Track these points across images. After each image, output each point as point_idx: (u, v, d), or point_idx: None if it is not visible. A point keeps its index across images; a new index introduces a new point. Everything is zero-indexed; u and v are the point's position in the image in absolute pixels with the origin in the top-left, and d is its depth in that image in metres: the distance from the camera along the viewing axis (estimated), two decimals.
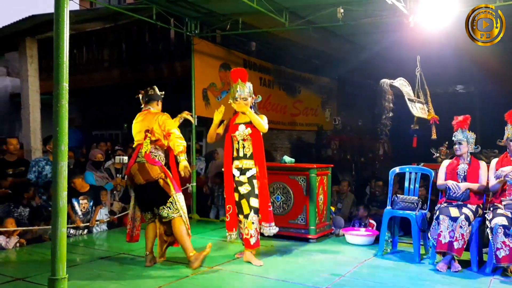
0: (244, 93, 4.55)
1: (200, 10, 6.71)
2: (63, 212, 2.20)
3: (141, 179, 4.16)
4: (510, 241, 4.04)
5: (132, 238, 4.45)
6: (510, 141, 4.40)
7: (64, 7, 2.23)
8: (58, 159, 2.22)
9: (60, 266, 2.20)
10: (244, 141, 4.57)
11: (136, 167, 4.19)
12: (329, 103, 11.10)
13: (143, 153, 4.18)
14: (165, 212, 4.16)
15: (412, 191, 5.10)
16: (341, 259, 4.82)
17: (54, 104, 2.27)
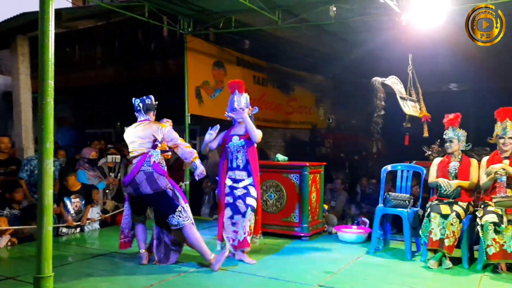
0: (241, 104, 4.62)
1: (193, 8, 6.69)
2: (49, 210, 2.18)
3: (148, 188, 4.10)
4: (500, 238, 4.07)
5: (125, 246, 4.44)
6: (500, 138, 4.42)
7: (49, 5, 2.21)
8: (43, 157, 2.19)
9: (45, 264, 2.19)
10: (238, 153, 4.60)
11: (143, 176, 4.11)
12: (323, 101, 11.12)
13: (151, 162, 4.13)
14: (175, 220, 4.12)
15: (404, 188, 5.12)
16: (333, 256, 4.83)
17: (39, 101, 2.25)
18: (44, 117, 2.25)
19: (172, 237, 4.33)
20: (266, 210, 5.71)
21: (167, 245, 4.36)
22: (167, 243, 4.35)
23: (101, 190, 6.52)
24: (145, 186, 4.10)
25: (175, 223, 4.12)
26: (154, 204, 4.28)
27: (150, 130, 4.18)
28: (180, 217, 4.11)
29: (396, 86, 5.33)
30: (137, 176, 4.12)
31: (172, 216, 4.11)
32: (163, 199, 4.13)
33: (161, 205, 4.17)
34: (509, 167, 4.27)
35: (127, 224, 4.38)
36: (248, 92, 7.80)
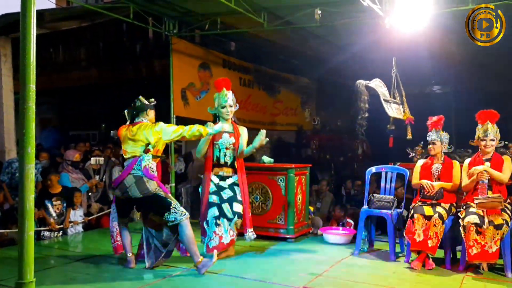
0: (230, 101, 4.73)
1: (178, 10, 6.67)
2: (30, 215, 2.15)
3: (137, 192, 4.08)
4: (482, 239, 4.13)
5: (119, 249, 4.39)
6: (481, 140, 4.49)
7: (30, 8, 2.17)
8: (24, 161, 2.15)
9: (27, 269, 2.16)
10: (227, 150, 4.70)
11: (132, 179, 4.08)
12: (308, 103, 11.16)
13: (142, 166, 4.09)
14: (172, 217, 4.09)
15: (388, 190, 5.18)
16: (318, 258, 4.86)
17: (21, 105, 2.22)
18: (25, 121, 2.21)
19: (162, 239, 4.30)
20: (252, 212, 5.71)
21: (157, 249, 4.32)
22: (157, 246, 4.32)
23: (85, 192, 6.45)
24: (134, 190, 4.08)
25: (172, 219, 4.10)
26: (146, 207, 4.27)
27: (142, 134, 4.12)
28: (176, 213, 4.10)
29: (380, 89, 5.38)
30: (126, 179, 4.09)
31: (168, 213, 4.09)
32: (154, 200, 4.13)
33: (154, 206, 4.17)
34: (490, 169, 4.35)
35: (115, 226, 4.35)
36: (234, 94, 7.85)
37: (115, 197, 4.31)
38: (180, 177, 8.37)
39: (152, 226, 4.33)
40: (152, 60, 9.67)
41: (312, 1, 5.94)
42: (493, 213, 4.20)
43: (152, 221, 4.34)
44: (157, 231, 4.32)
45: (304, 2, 6.02)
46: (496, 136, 4.48)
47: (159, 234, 4.31)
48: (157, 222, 4.31)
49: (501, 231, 4.11)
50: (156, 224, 4.32)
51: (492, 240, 4.10)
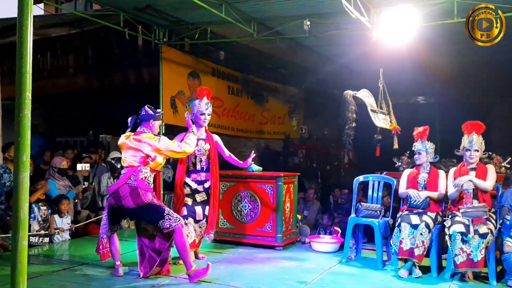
0: (209, 110, 4.91)
1: (168, 19, 6.71)
2: (25, 224, 2.13)
3: (130, 202, 4.07)
4: (467, 247, 4.21)
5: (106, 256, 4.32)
6: (467, 150, 4.59)
7: (27, 15, 2.17)
8: (19, 170, 2.14)
9: (20, 279, 2.13)
10: (202, 156, 4.87)
11: (127, 189, 4.08)
12: (296, 112, 11.26)
13: (139, 178, 4.08)
14: (167, 224, 4.06)
15: (375, 199, 5.26)
16: (306, 266, 4.89)
17: (16, 114, 2.21)
18: (21, 129, 2.20)
19: (156, 247, 4.28)
20: (240, 220, 5.75)
21: (152, 258, 4.29)
22: (151, 255, 4.29)
23: (71, 199, 6.40)
24: (128, 201, 4.07)
25: (167, 226, 4.07)
26: (139, 216, 4.26)
27: (142, 146, 4.11)
28: (171, 219, 4.08)
29: (367, 99, 5.49)
30: (121, 188, 4.09)
31: (163, 221, 4.07)
32: (148, 210, 4.12)
33: (148, 215, 4.16)
34: (475, 178, 4.45)
35: (106, 233, 4.28)
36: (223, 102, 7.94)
37: (109, 204, 4.27)
38: (169, 185, 8.34)
39: (146, 236, 4.31)
40: (141, 68, 9.68)
41: (301, 12, 6.04)
42: (478, 222, 4.29)
43: (145, 230, 4.32)
44: (150, 240, 4.30)
45: (293, 13, 6.11)
46: (480, 147, 4.58)
47: (152, 242, 4.29)
48: (150, 231, 4.29)
49: (486, 240, 4.20)
50: (149, 234, 4.30)
51: (477, 249, 4.18)
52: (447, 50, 7.61)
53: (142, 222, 4.33)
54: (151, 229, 4.28)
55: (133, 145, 4.14)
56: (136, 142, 4.14)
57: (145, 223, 4.29)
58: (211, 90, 8.23)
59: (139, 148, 4.12)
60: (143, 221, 4.30)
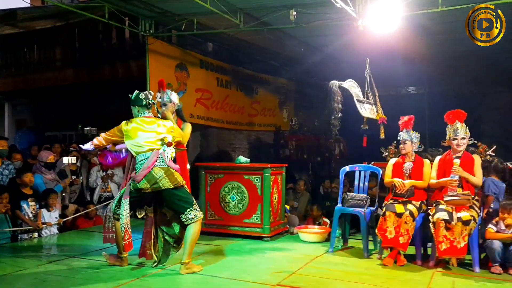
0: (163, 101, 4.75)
1: (154, 10, 6.66)
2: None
3: (168, 182, 4.08)
4: (451, 234, 4.25)
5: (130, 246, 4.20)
6: (453, 140, 4.60)
7: None
8: None
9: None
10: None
11: (161, 171, 4.08)
12: (286, 103, 11.24)
13: (166, 159, 4.13)
14: (193, 214, 4.12)
15: (362, 189, 5.28)
16: (293, 256, 4.91)
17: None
18: None
19: (175, 234, 4.33)
20: (228, 211, 5.76)
21: (167, 242, 4.34)
22: (168, 241, 4.34)
23: (59, 193, 6.36)
24: (166, 181, 4.07)
25: (192, 216, 4.12)
26: (171, 199, 4.19)
27: (163, 129, 4.20)
28: (197, 210, 4.16)
29: (353, 89, 5.48)
30: (154, 171, 4.07)
31: (190, 210, 4.12)
32: (181, 194, 4.17)
33: (180, 199, 4.16)
34: (467, 174, 4.44)
35: (126, 224, 4.11)
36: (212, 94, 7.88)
37: (132, 191, 4.14)
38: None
39: (163, 223, 4.33)
40: (129, 61, 9.60)
41: (287, 3, 6.02)
42: (461, 209, 4.32)
43: (163, 215, 4.33)
44: (167, 226, 4.33)
45: (280, 3, 6.09)
46: (466, 134, 4.60)
47: (170, 229, 4.34)
48: (168, 217, 4.31)
49: (469, 227, 4.23)
50: (166, 220, 4.32)
51: (460, 236, 4.21)
52: (436, 40, 7.62)
53: (163, 207, 4.30)
54: (170, 215, 4.31)
55: (157, 129, 4.18)
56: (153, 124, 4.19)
57: (166, 209, 4.29)
58: (200, 82, 8.33)
59: (161, 132, 4.17)
60: (167, 205, 4.26)
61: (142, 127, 4.18)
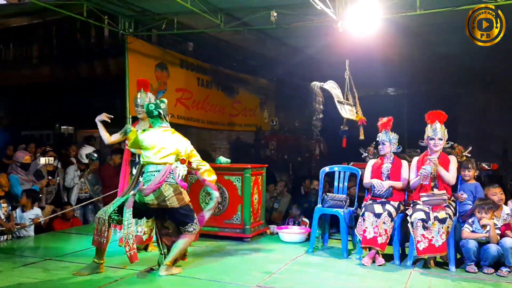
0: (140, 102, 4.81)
1: (133, 9, 6.57)
2: None
3: (176, 202, 4.03)
4: (429, 233, 4.32)
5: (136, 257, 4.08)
6: (431, 139, 4.66)
7: None
8: None
9: None
10: None
11: (170, 189, 4.01)
12: (267, 104, 11.24)
13: (177, 176, 4.05)
14: (192, 228, 4.15)
15: (341, 189, 5.32)
16: (273, 257, 4.92)
17: None
18: None
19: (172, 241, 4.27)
20: None
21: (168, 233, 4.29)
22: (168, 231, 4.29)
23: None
24: (173, 201, 4.02)
25: (191, 230, 4.14)
26: (175, 216, 4.16)
27: (176, 144, 4.13)
28: (196, 224, 4.18)
29: (334, 91, 5.52)
30: (163, 187, 3.99)
31: (191, 224, 4.14)
32: (185, 212, 4.14)
33: (183, 215, 4.14)
34: (440, 167, 4.50)
35: (132, 233, 4.00)
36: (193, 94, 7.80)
37: (136, 201, 4.05)
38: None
39: (166, 234, 4.26)
40: (107, 59, 9.46)
41: (268, 4, 6.01)
42: (437, 209, 4.40)
43: (166, 228, 4.26)
44: (169, 237, 4.25)
45: (260, 4, 6.07)
46: (444, 136, 4.67)
47: (171, 240, 4.25)
48: (171, 230, 4.25)
49: (446, 225, 4.31)
50: (169, 232, 4.26)
51: (438, 234, 4.29)
52: (413, 41, 7.72)
53: (165, 221, 4.24)
54: (171, 228, 4.25)
55: (171, 144, 4.11)
56: (177, 137, 4.19)
57: (169, 222, 4.24)
58: (180, 82, 8.27)
59: (175, 145, 4.12)
60: (169, 220, 4.22)
61: (156, 138, 4.12)
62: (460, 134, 8.96)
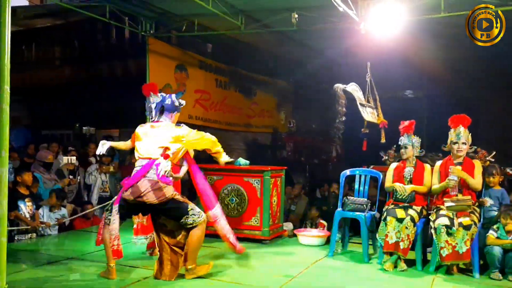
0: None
1: (155, 10, 6.64)
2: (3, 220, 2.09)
3: (153, 197, 3.84)
4: (453, 240, 4.26)
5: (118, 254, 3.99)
6: (454, 144, 4.60)
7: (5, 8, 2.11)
8: None
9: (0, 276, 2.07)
10: None
11: (147, 184, 3.85)
12: (284, 105, 11.25)
13: (159, 172, 3.90)
14: (191, 220, 3.93)
15: (362, 193, 5.27)
16: (293, 260, 4.90)
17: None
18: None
19: (179, 243, 4.13)
20: (227, 214, 5.69)
21: (175, 253, 4.13)
22: (174, 250, 4.13)
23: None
24: (151, 196, 3.84)
25: (190, 221, 3.94)
26: (161, 213, 4.05)
27: (163, 138, 4.00)
28: (194, 215, 3.95)
29: (356, 93, 5.48)
30: (141, 183, 3.86)
31: (187, 217, 3.93)
32: (172, 206, 3.94)
33: (171, 211, 3.98)
34: (466, 174, 4.44)
35: (115, 229, 3.92)
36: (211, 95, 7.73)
37: (121, 199, 3.97)
38: None
39: (164, 232, 4.15)
40: (127, 60, 9.57)
41: (289, 5, 6.01)
42: (462, 214, 4.33)
43: (163, 225, 4.15)
44: (169, 236, 4.14)
45: (282, 6, 6.08)
46: (467, 140, 4.61)
47: (173, 238, 4.14)
48: (169, 227, 4.13)
49: (470, 232, 4.24)
50: (168, 229, 4.14)
51: (462, 241, 4.22)
52: (435, 44, 7.64)
53: (160, 217, 4.14)
54: (170, 225, 4.13)
55: (155, 137, 4.01)
56: (160, 130, 4.04)
57: (164, 218, 4.11)
58: (199, 83, 8.31)
59: (161, 141, 3.99)
60: (162, 216, 4.11)
61: (148, 132, 4.06)
62: (480, 138, 8.82)
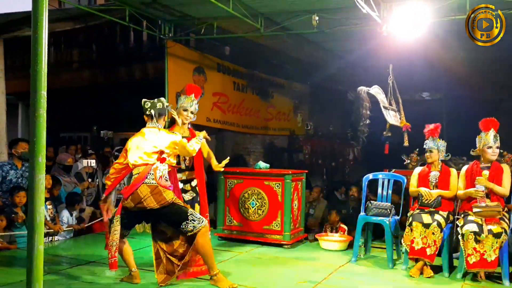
0: (193, 108, 4.62)
1: (174, 13, 6.62)
2: (41, 228, 2.05)
3: (153, 202, 3.79)
4: (481, 247, 4.15)
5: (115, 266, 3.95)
6: (488, 148, 4.46)
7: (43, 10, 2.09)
8: (35, 172, 2.02)
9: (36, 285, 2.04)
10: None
11: (147, 189, 3.80)
12: (301, 108, 11.17)
13: (157, 176, 3.85)
14: (191, 226, 3.82)
15: (385, 197, 5.18)
16: (316, 265, 4.83)
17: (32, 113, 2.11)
18: (36, 129, 2.08)
19: (177, 251, 4.04)
20: (248, 218, 5.70)
21: (171, 263, 4.05)
22: (170, 260, 4.04)
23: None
24: (151, 201, 3.80)
25: (190, 228, 3.85)
26: (161, 218, 3.99)
27: (160, 142, 3.93)
28: (194, 221, 3.84)
29: (379, 96, 5.41)
30: (140, 189, 3.82)
31: (186, 223, 3.83)
32: (172, 211, 3.85)
33: (171, 216, 3.91)
34: (493, 184, 4.32)
35: (115, 240, 3.88)
36: (229, 98, 7.71)
37: (122, 207, 3.93)
38: None
39: (163, 239, 4.07)
40: (146, 63, 9.60)
41: (310, 7, 5.94)
42: (491, 221, 4.22)
43: (162, 233, 4.08)
44: (168, 243, 4.06)
45: (302, 8, 6.01)
46: (499, 144, 4.51)
47: (170, 246, 4.05)
48: (169, 234, 4.05)
49: (500, 240, 4.13)
50: (167, 237, 4.06)
51: (491, 249, 4.11)
52: (456, 45, 7.49)
53: (160, 224, 4.06)
54: (169, 232, 4.04)
55: (152, 141, 3.93)
56: (154, 135, 3.95)
57: (164, 225, 4.04)
58: (217, 86, 8.29)
59: (158, 144, 3.91)
60: (162, 223, 4.04)
61: (142, 140, 3.97)
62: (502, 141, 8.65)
